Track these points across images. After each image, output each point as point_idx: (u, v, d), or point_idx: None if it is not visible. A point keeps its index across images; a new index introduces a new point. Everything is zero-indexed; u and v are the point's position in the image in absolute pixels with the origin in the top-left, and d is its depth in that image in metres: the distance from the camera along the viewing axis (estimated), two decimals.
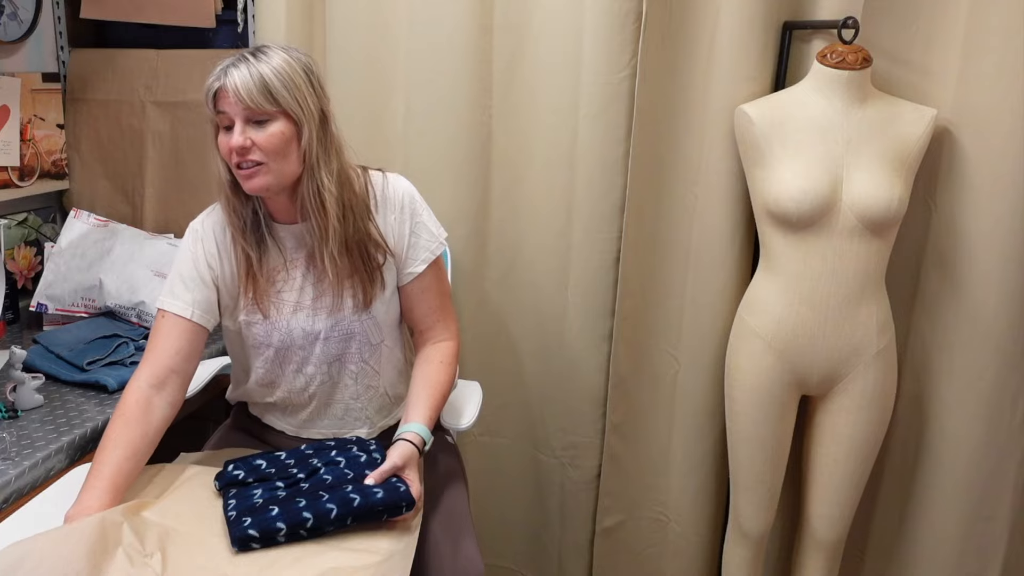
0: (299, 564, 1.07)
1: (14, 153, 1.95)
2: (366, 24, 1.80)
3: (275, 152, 1.22)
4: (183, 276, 1.32)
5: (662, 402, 1.84)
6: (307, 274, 1.34)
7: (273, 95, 1.20)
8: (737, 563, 1.77)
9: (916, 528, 1.74)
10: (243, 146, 1.20)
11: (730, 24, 1.60)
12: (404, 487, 1.17)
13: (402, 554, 1.10)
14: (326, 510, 1.12)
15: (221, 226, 1.34)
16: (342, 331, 1.34)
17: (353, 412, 1.41)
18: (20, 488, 1.28)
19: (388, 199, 1.37)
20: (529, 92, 1.77)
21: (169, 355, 1.28)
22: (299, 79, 1.23)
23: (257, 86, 1.19)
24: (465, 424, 1.53)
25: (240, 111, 1.20)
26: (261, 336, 1.34)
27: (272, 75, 1.20)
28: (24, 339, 1.86)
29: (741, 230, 1.69)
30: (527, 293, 1.87)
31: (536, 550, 2.02)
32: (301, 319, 1.33)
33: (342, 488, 1.16)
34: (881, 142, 1.50)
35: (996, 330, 1.58)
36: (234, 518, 1.12)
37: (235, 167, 1.24)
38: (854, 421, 1.58)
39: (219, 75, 1.22)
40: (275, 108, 1.21)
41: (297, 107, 1.22)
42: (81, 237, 1.91)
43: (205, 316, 1.32)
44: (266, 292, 1.33)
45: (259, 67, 1.20)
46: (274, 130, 1.21)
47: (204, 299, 1.32)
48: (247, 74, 1.19)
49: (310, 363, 1.36)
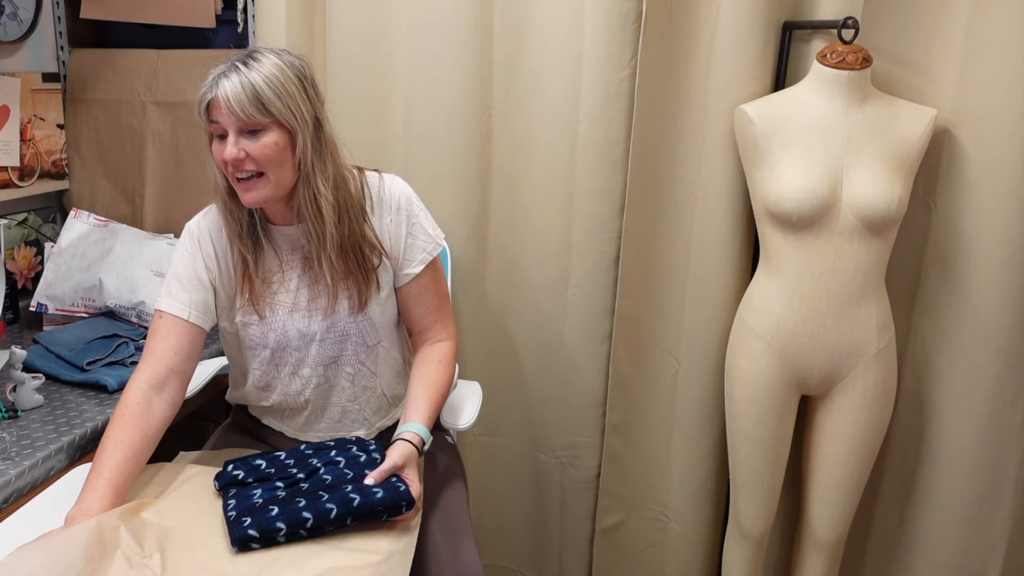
0: (299, 564, 1.07)
1: (14, 153, 1.95)
2: (366, 24, 1.80)
3: (270, 162, 1.21)
4: (180, 277, 1.32)
5: (662, 402, 1.84)
6: (303, 276, 1.34)
7: (265, 105, 1.18)
8: (737, 563, 1.77)
9: (916, 528, 1.74)
10: (237, 157, 1.20)
11: (730, 24, 1.60)
12: (404, 487, 1.17)
13: (402, 554, 1.10)
14: (326, 510, 1.12)
15: (217, 227, 1.34)
16: (338, 333, 1.34)
17: (350, 414, 1.41)
18: (20, 488, 1.28)
19: (384, 200, 1.36)
20: (529, 92, 1.77)
21: (168, 355, 1.28)
22: (292, 86, 1.21)
23: (249, 97, 1.17)
24: (465, 424, 1.53)
25: (232, 122, 1.19)
26: (257, 337, 1.34)
27: (264, 84, 1.18)
28: (24, 339, 1.86)
29: (741, 230, 1.69)
30: (527, 293, 1.87)
31: (536, 550, 2.02)
32: (297, 320, 1.33)
33: (342, 488, 1.16)
34: (881, 142, 1.50)
35: (996, 330, 1.58)
36: (234, 518, 1.12)
37: (232, 178, 1.24)
38: (854, 421, 1.58)
39: (210, 86, 1.20)
40: (268, 119, 1.19)
41: (290, 116, 1.21)
42: (81, 237, 1.91)
43: (203, 317, 1.32)
44: (262, 294, 1.33)
45: (250, 76, 1.18)
46: (267, 140, 1.21)
47: (201, 300, 1.32)
48: (238, 84, 1.18)
49: (306, 365, 1.36)
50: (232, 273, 1.34)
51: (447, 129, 1.79)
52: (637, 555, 1.94)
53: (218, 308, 1.35)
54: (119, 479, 1.15)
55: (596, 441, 1.88)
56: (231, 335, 1.39)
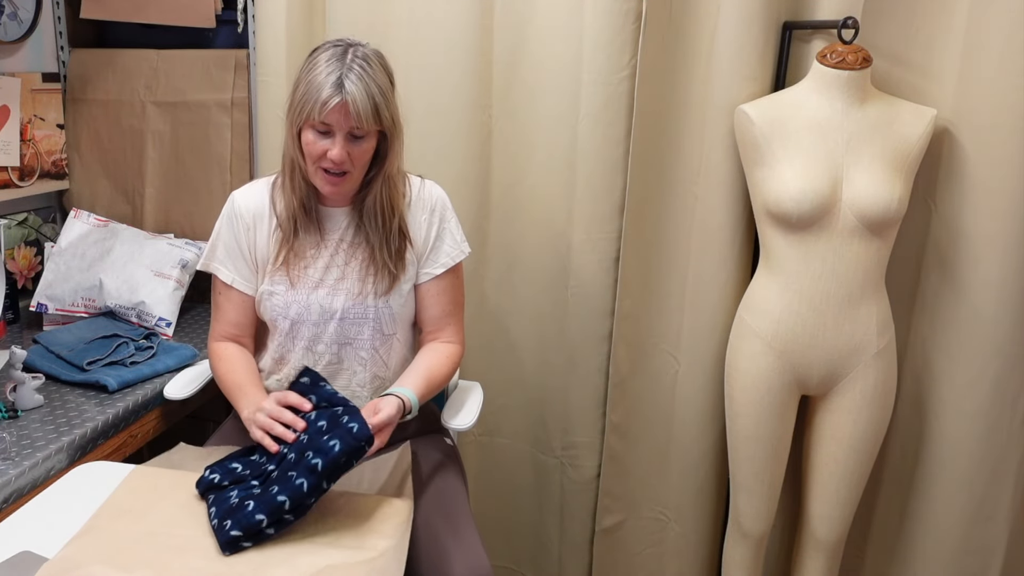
0: (292, 562, 1.07)
1: (14, 153, 1.95)
2: (366, 24, 1.80)
3: (362, 164, 1.30)
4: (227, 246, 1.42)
5: (662, 402, 1.84)
6: (335, 255, 1.38)
7: (380, 116, 1.26)
8: (737, 563, 1.77)
9: (916, 528, 1.74)
10: (342, 159, 1.27)
11: (730, 24, 1.60)
12: (356, 425, 1.17)
13: (396, 550, 1.10)
14: (297, 486, 1.12)
15: (262, 197, 1.41)
16: (357, 314, 1.37)
17: (356, 400, 1.41)
18: (20, 488, 1.28)
19: (422, 200, 1.43)
20: (529, 92, 1.77)
21: (228, 320, 1.42)
22: (391, 94, 1.29)
23: (372, 108, 1.24)
24: (465, 424, 1.53)
25: (347, 125, 1.24)
26: (280, 307, 1.38)
27: (379, 94, 1.25)
28: (24, 339, 1.86)
29: (741, 230, 1.69)
30: (527, 293, 1.87)
31: (536, 550, 2.02)
32: (321, 295, 1.37)
33: (304, 458, 1.16)
34: (881, 142, 1.50)
35: (996, 330, 1.58)
36: (217, 524, 1.13)
37: (319, 169, 1.30)
38: (854, 421, 1.58)
39: (335, 88, 1.23)
40: (378, 127, 1.27)
41: (392, 125, 1.30)
42: (81, 237, 1.91)
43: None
44: (294, 265, 1.38)
45: (371, 84, 1.24)
46: (368, 146, 1.29)
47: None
48: (364, 93, 1.23)
49: (321, 341, 1.38)
50: (268, 241, 1.39)
51: (447, 129, 1.79)
52: (637, 555, 1.94)
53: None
54: (256, 379, 1.37)
55: (596, 441, 1.88)
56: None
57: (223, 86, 2.03)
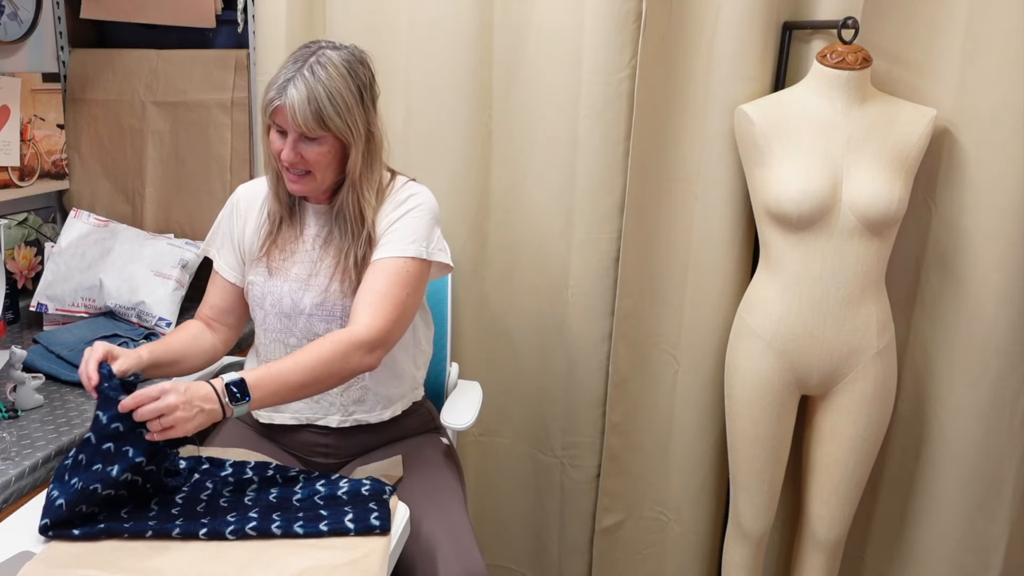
0: (277, 564, 1.07)
1: (14, 153, 1.95)
2: (366, 24, 1.80)
3: (319, 166, 1.30)
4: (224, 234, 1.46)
5: (662, 402, 1.84)
6: (311, 251, 1.39)
7: (325, 122, 1.25)
8: (737, 563, 1.77)
9: (916, 528, 1.74)
10: (292, 160, 1.28)
11: (730, 24, 1.60)
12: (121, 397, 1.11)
13: (381, 550, 1.10)
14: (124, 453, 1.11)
15: (260, 191, 1.44)
16: (326, 311, 1.36)
17: (328, 396, 1.41)
18: (20, 488, 1.28)
19: (396, 198, 1.38)
20: (529, 92, 1.77)
21: (207, 302, 1.46)
22: (351, 99, 1.27)
23: (312, 112, 1.23)
24: (464, 423, 1.53)
25: (293, 128, 1.26)
26: (257, 297, 1.41)
27: (327, 99, 1.24)
28: (24, 339, 1.86)
29: (741, 230, 1.69)
30: (527, 293, 1.87)
31: (536, 550, 2.02)
32: (293, 289, 1.38)
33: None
34: (881, 142, 1.50)
35: (996, 330, 1.58)
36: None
37: (282, 168, 1.32)
38: (854, 421, 1.59)
39: (279, 90, 1.24)
40: (326, 132, 1.26)
41: (346, 130, 1.27)
42: (81, 237, 1.91)
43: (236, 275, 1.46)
44: (274, 257, 1.40)
45: (316, 88, 1.23)
46: (323, 149, 1.28)
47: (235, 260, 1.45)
48: (304, 97, 1.23)
49: (293, 335, 1.39)
50: (258, 233, 1.42)
51: (447, 129, 1.79)
52: (637, 555, 1.94)
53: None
54: (168, 347, 1.33)
55: (596, 441, 1.88)
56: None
57: (223, 86, 2.03)
